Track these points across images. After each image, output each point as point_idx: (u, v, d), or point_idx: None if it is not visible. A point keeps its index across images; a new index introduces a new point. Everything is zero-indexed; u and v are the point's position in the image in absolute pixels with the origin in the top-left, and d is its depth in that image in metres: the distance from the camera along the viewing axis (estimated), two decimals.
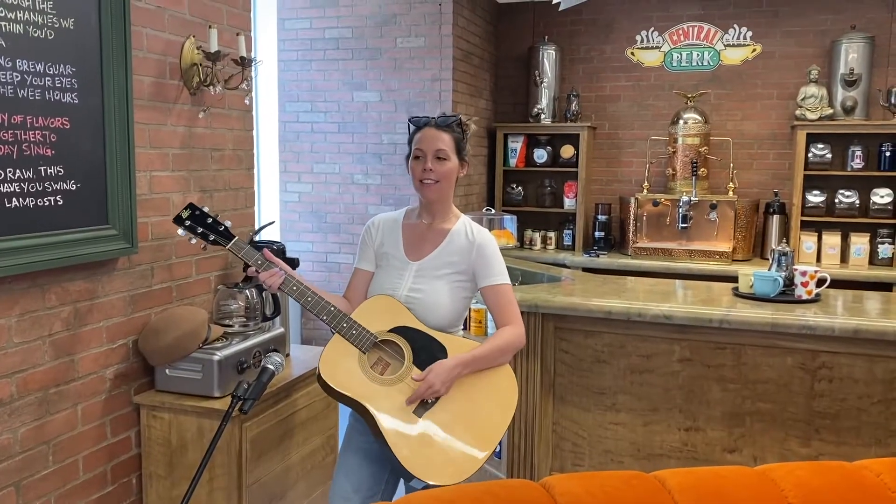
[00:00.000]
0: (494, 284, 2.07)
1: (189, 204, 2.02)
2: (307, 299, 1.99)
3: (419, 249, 2.10)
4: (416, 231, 2.13)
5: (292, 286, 2.00)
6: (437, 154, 2.04)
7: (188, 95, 2.48)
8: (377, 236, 2.16)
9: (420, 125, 2.09)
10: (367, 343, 1.99)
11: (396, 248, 2.12)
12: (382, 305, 2.05)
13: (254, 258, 2.00)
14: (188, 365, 2.27)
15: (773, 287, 3.04)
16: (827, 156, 4.73)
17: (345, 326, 1.99)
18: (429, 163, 2.03)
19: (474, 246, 2.07)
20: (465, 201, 4.95)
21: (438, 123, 2.07)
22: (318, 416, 2.67)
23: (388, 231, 2.15)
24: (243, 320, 2.51)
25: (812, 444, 2.79)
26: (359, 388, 1.95)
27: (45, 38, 1.93)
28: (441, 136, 2.05)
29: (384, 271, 2.12)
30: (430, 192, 2.06)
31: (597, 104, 5.41)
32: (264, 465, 2.36)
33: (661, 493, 1.41)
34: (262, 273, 2.00)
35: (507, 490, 1.44)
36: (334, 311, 1.99)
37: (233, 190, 2.74)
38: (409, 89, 4.71)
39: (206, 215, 2.01)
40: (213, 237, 2.00)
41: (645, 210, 4.92)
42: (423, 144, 2.05)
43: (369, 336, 1.99)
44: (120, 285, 2.25)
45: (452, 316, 2.10)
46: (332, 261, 4.98)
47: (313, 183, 4.95)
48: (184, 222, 1.99)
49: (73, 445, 2.13)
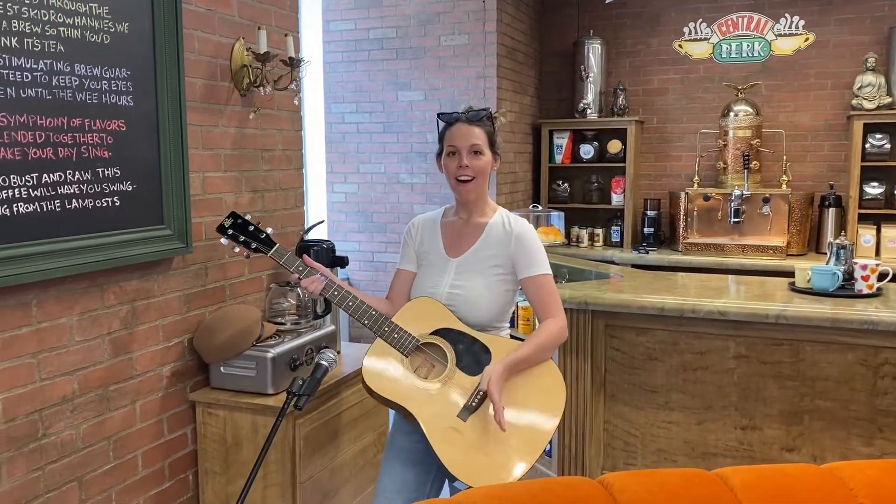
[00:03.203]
0: (534, 276, 2.03)
1: (231, 212, 2.03)
2: (348, 304, 1.99)
3: (458, 246, 2.08)
4: (455, 228, 2.11)
5: (333, 291, 2.00)
6: (472, 149, 2.01)
7: (239, 97, 2.51)
8: (417, 236, 2.15)
9: (451, 121, 2.06)
10: (409, 346, 1.98)
11: (436, 247, 2.10)
12: (424, 307, 2.03)
13: (295, 265, 2.00)
14: (242, 362, 2.30)
15: (832, 281, 2.95)
16: (885, 146, 4.57)
17: (386, 330, 1.98)
18: (464, 159, 2.00)
19: (512, 237, 2.04)
20: (510, 199, 4.92)
21: (470, 118, 2.04)
22: (369, 413, 2.68)
23: (428, 230, 2.14)
24: (295, 318, 2.53)
25: (875, 443, 2.69)
26: (403, 393, 1.94)
27: (101, 42, 1.97)
28: (473, 130, 2.02)
29: (426, 270, 2.11)
30: (467, 190, 2.04)
31: (644, 98, 5.33)
32: (317, 462, 2.37)
33: (724, 491, 1.37)
34: (303, 279, 2.00)
35: (565, 487, 1.42)
36: (375, 315, 1.99)
37: (283, 190, 2.77)
38: (453, 87, 4.71)
39: (247, 223, 2.02)
40: (256, 245, 2.01)
41: (695, 205, 4.83)
42: (457, 140, 2.02)
43: (411, 339, 1.98)
44: (175, 284, 2.30)
45: (495, 311, 2.07)
46: (379, 260, 5.00)
47: (359, 183, 4.98)
48: (226, 231, 2.01)
49: (132, 442, 2.18)
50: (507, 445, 1.92)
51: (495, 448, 1.91)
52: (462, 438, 1.90)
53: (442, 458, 1.89)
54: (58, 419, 1.95)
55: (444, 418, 1.91)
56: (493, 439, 1.91)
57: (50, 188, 1.85)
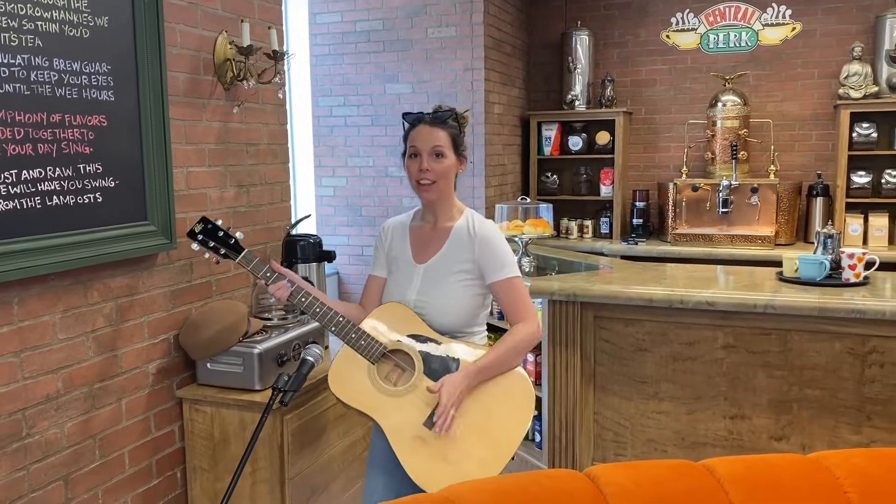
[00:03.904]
0: (501, 280, 1.96)
1: (202, 217, 1.98)
2: (315, 310, 1.94)
3: (425, 252, 2.02)
4: (422, 233, 2.05)
5: (300, 297, 1.95)
6: (433, 151, 1.94)
7: (222, 91, 2.49)
8: (387, 241, 2.09)
9: (414, 122, 1.99)
10: (376, 354, 1.93)
11: (404, 252, 2.05)
12: (392, 313, 1.98)
13: (262, 271, 1.95)
14: (229, 359, 2.29)
15: (820, 271, 2.96)
16: (872, 135, 4.59)
17: (353, 337, 1.93)
18: (425, 162, 1.93)
19: (476, 240, 1.97)
20: (499, 191, 4.91)
21: (433, 119, 1.97)
22: None
23: (398, 235, 2.08)
24: (282, 313, 2.52)
25: (863, 430, 2.71)
26: (368, 401, 1.91)
27: (80, 36, 1.95)
28: (436, 132, 1.95)
29: (394, 277, 2.05)
30: (428, 193, 1.97)
31: (632, 89, 5.32)
32: (306, 457, 2.36)
33: (711, 482, 1.37)
34: (270, 286, 1.95)
35: (553, 480, 1.42)
36: (342, 322, 1.94)
37: (269, 184, 2.75)
38: (440, 80, 4.69)
39: (217, 228, 1.96)
40: (224, 251, 1.96)
41: (684, 195, 4.83)
42: (419, 142, 1.95)
43: (378, 346, 1.93)
44: (160, 281, 2.28)
45: (464, 317, 2.00)
46: (368, 254, 4.98)
47: (348, 177, 4.95)
48: (196, 236, 1.95)
49: (118, 439, 2.16)
50: (472, 455, 1.87)
51: (461, 457, 1.86)
52: (427, 447, 1.86)
53: (406, 467, 1.85)
54: (42, 418, 1.93)
55: (409, 427, 1.87)
56: (459, 448, 1.87)
57: (30, 185, 1.83)
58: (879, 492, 1.38)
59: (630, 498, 1.32)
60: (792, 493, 1.36)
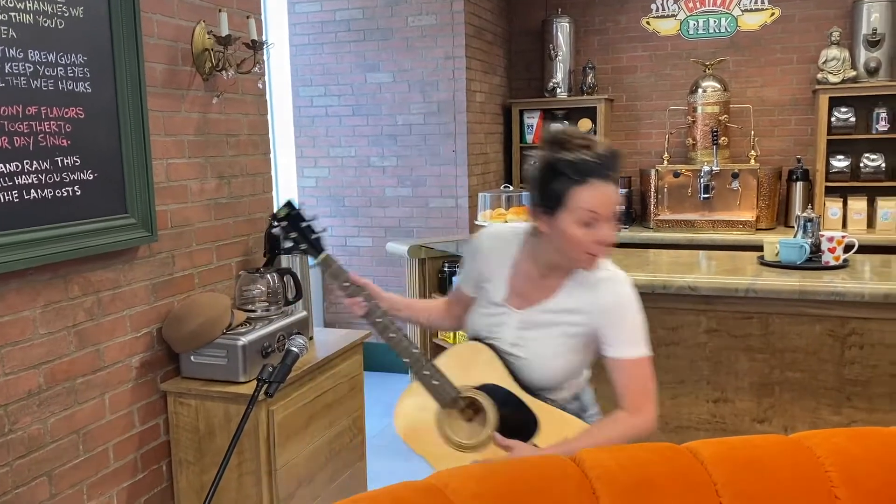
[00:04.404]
0: (624, 359, 1.64)
1: (287, 201, 1.82)
2: (389, 335, 1.75)
3: (526, 295, 1.70)
4: (529, 273, 1.70)
5: (376, 318, 1.76)
6: (614, 214, 1.56)
7: (201, 81, 2.46)
8: (482, 260, 1.77)
9: (586, 174, 1.52)
10: (447, 398, 1.72)
11: (499, 286, 1.73)
12: (474, 355, 1.74)
13: (341, 279, 1.78)
14: (213, 351, 2.28)
15: (800, 254, 2.99)
16: (851, 119, 4.63)
17: (426, 375, 1.71)
18: (606, 231, 1.55)
19: (599, 301, 1.64)
20: (482, 180, 4.91)
21: (613, 172, 1.55)
22: (344, 399, 2.67)
23: (497, 258, 1.75)
24: (266, 305, 2.51)
25: (843, 411, 2.75)
26: (431, 448, 1.73)
27: (55, 27, 1.92)
28: (615, 188, 1.56)
29: (483, 310, 1.76)
30: (594, 264, 1.62)
31: (613, 76, 5.33)
32: (292, 448, 2.36)
33: (694, 464, 1.39)
34: (346, 298, 1.79)
35: (538, 465, 1.43)
36: (417, 355, 1.73)
37: (250, 175, 2.73)
38: (421, 69, 4.67)
39: (301, 217, 1.80)
40: (305, 246, 1.80)
41: (666, 182, 4.86)
42: (598, 206, 1.52)
43: (451, 391, 1.71)
44: (141, 274, 2.26)
45: (561, 376, 1.72)
46: (353, 244, 4.98)
47: (330, 167, 4.93)
48: (280, 223, 1.80)
49: (102, 434, 2.15)
50: None
51: None
52: None
53: None
54: (24, 414, 1.92)
55: None
56: None
57: (6, 178, 1.80)
58: (859, 470, 1.40)
59: (614, 481, 1.33)
60: (774, 473, 1.38)
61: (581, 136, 1.58)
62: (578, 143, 1.56)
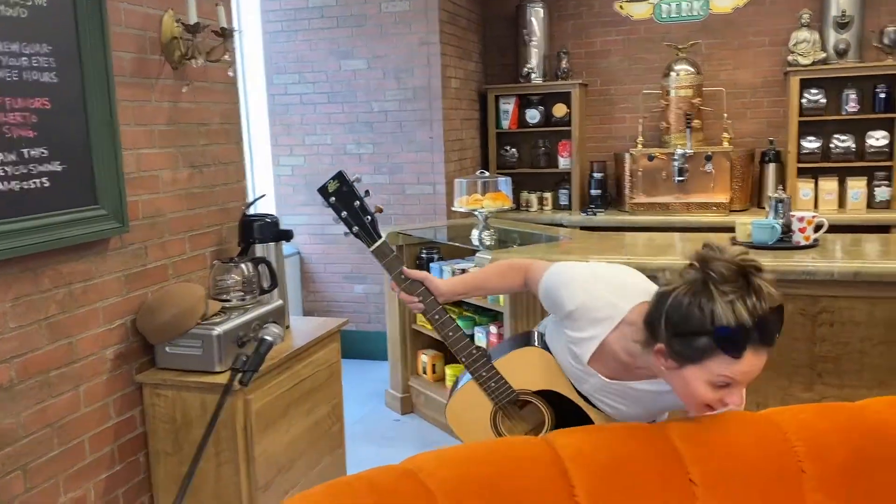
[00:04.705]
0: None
1: (338, 172, 1.64)
2: (447, 333, 1.69)
3: (612, 371, 1.58)
4: (617, 357, 1.54)
5: (434, 314, 1.69)
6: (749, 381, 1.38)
7: (171, 70, 2.44)
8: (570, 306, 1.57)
9: (744, 347, 1.29)
10: (503, 399, 1.69)
11: (584, 348, 1.58)
12: (535, 361, 1.70)
13: (395, 271, 1.69)
14: (188, 341, 2.27)
15: (771, 234, 3.03)
16: (821, 101, 4.68)
17: (484, 375, 1.68)
18: (737, 396, 1.37)
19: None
20: (458, 166, 4.91)
21: (770, 339, 1.32)
22: (322, 386, 2.68)
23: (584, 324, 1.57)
24: (241, 294, 2.50)
25: (815, 388, 2.80)
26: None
27: (17, 16, 1.89)
28: (764, 356, 1.33)
29: (567, 354, 1.63)
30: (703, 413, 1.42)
31: (587, 60, 5.34)
32: (271, 436, 2.37)
33: (663, 441, 1.41)
34: (400, 293, 1.71)
35: (511, 446, 1.45)
36: (476, 355, 1.69)
37: (223, 164, 2.71)
38: (396, 55, 4.65)
39: (354, 194, 1.64)
40: (357, 229, 1.66)
41: (640, 165, 4.89)
42: (739, 375, 1.32)
43: (509, 392, 1.69)
44: (114, 265, 2.24)
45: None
46: (329, 233, 4.95)
47: (305, 155, 4.90)
48: (328, 198, 1.64)
49: (77, 427, 2.13)
50: None
51: None
52: None
53: None
54: None
55: None
56: None
57: None
58: (825, 444, 1.43)
59: (585, 460, 1.35)
60: (743, 450, 1.41)
61: (743, 277, 1.28)
62: (738, 290, 1.26)
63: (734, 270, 1.27)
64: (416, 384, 4.11)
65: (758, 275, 1.29)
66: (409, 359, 4.16)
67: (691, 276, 1.31)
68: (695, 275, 1.30)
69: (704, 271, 1.29)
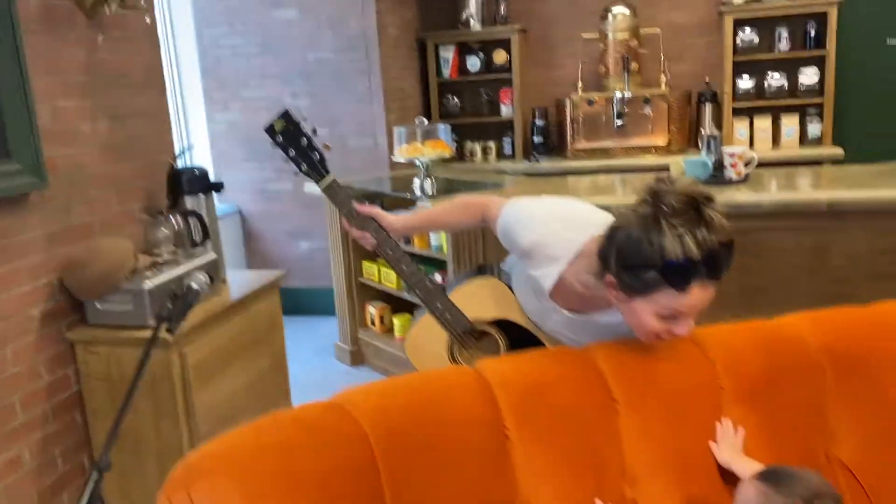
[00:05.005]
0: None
1: (284, 111, 1.63)
2: (402, 267, 1.68)
3: (572, 305, 1.59)
4: (575, 289, 1.54)
5: (387, 250, 1.69)
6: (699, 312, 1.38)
7: (84, 18, 2.33)
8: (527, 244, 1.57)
9: (691, 279, 1.28)
10: (459, 330, 1.71)
11: (545, 282, 1.56)
12: (489, 291, 1.72)
13: (346, 209, 1.68)
14: (118, 297, 2.22)
15: (704, 171, 3.08)
16: (754, 40, 4.74)
17: (439, 307, 1.69)
18: (684, 326, 1.37)
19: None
20: (401, 116, 4.86)
21: (718, 272, 1.30)
22: (263, 339, 2.66)
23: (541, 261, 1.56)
24: (172, 249, 2.45)
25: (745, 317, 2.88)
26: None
27: None
28: (712, 289, 1.33)
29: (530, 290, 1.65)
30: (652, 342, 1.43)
31: (525, 5, 5.28)
32: (212, 389, 2.35)
33: (588, 364, 1.44)
34: (352, 229, 1.70)
35: (439, 376, 1.46)
36: (431, 288, 1.70)
37: (147, 116, 2.63)
38: (329, 3, 4.52)
39: (300, 132, 1.64)
40: (305, 168, 1.65)
41: (581, 111, 4.90)
42: (691, 308, 1.34)
43: (465, 323, 1.70)
44: (35, 222, 2.17)
45: None
46: (272, 189, 4.88)
47: (241, 110, 4.78)
48: (275, 137, 1.64)
49: (5, 388, 2.08)
50: None
51: None
52: None
53: None
54: None
55: None
56: None
57: None
58: (741, 359, 1.49)
59: (511, 384, 1.37)
60: (663, 367, 1.45)
61: (694, 209, 1.25)
62: (688, 222, 1.25)
63: (685, 202, 1.26)
64: (365, 336, 4.11)
65: (709, 205, 1.27)
66: (357, 312, 4.16)
67: (643, 210, 1.30)
68: (646, 208, 1.29)
69: (656, 204, 1.28)
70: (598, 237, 1.41)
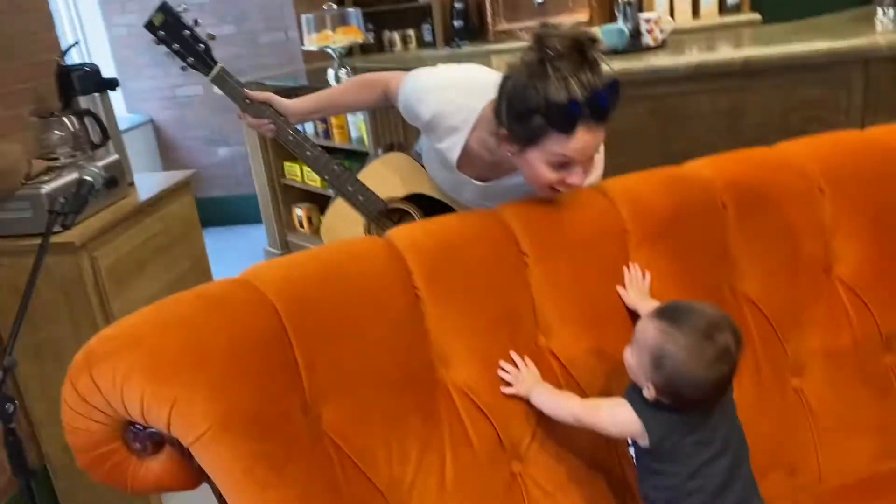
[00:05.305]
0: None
1: (162, 3, 1.57)
2: (305, 153, 1.64)
3: (479, 173, 1.58)
4: (482, 157, 1.53)
5: (288, 137, 1.64)
6: (590, 158, 1.34)
7: None
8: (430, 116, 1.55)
9: (576, 122, 1.25)
10: (374, 211, 1.69)
11: (451, 154, 1.56)
12: (398, 166, 1.69)
13: (239, 98, 1.64)
14: (15, 204, 2.10)
15: (620, 38, 3.04)
16: None
17: (350, 190, 1.67)
18: (578, 175, 1.33)
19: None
20: (311, 4, 4.62)
21: (602, 114, 1.28)
22: (180, 241, 2.58)
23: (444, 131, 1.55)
24: (69, 151, 2.31)
25: None
26: None
27: None
28: (600, 133, 1.30)
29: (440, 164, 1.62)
30: (553, 197, 1.42)
31: None
32: (128, 293, 2.28)
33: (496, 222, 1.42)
34: (247, 118, 1.66)
35: (348, 245, 1.43)
36: (338, 171, 1.66)
37: (23, 12, 2.41)
38: None
39: (181, 24, 1.59)
40: (192, 60, 1.60)
41: None
42: (580, 153, 1.29)
43: (378, 203, 1.68)
44: None
45: None
46: (182, 94, 4.65)
47: (139, 11, 4.47)
48: (156, 32, 1.58)
49: None
50: None
51: None
52: None
53: None
54: None
55: None
56: None
57: None
58: (647, 204, 1.48)
59: (421, 247, 1.35)
60: (571, 217, 1.44)
61: (578, 51, 1.24)
62: (572, 65, 1.23)
63: (569, 45, 1.24)
64: (295, 239, 4.05)
65: (593, 47, 1.26)
66: (284, 215, 4.08)
67: (529, 57, 1.28)
68: (532, 55, 1.27)
69: (541, 50, 1.25)
70: (494, 99, 1.39)
